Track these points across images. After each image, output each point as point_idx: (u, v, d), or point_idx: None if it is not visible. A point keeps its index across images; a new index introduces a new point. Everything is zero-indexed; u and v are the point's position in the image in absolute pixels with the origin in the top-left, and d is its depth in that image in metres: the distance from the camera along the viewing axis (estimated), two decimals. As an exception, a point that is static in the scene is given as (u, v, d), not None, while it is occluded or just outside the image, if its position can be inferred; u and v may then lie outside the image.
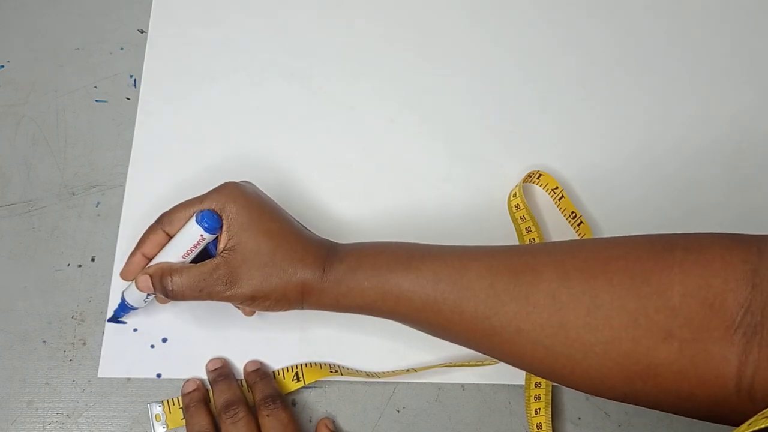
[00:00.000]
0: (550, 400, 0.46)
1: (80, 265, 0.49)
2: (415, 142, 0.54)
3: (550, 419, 0.45)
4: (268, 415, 0.43)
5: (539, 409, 0.46)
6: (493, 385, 0.47)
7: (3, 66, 0.55)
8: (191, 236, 0.40)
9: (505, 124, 0.55)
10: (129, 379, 0.46)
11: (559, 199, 0.51)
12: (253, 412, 0.43)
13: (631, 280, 0.34)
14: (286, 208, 0.52)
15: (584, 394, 0.47)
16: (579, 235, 0.50)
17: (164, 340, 0.47)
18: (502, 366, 0.48)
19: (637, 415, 0.47)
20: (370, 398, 0.47)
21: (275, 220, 0.42)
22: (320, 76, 0.56)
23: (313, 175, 0.53)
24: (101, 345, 0.47)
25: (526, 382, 0.47)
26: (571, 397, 0.47)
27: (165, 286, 0.41)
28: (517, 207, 0.51)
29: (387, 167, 0.53)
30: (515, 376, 0.47)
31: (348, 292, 0.40)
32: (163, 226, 0.42)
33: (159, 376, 0.46)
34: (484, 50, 0.57)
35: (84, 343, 0.47)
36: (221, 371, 0.46)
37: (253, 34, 0.57)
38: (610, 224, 0.52)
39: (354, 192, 0.53)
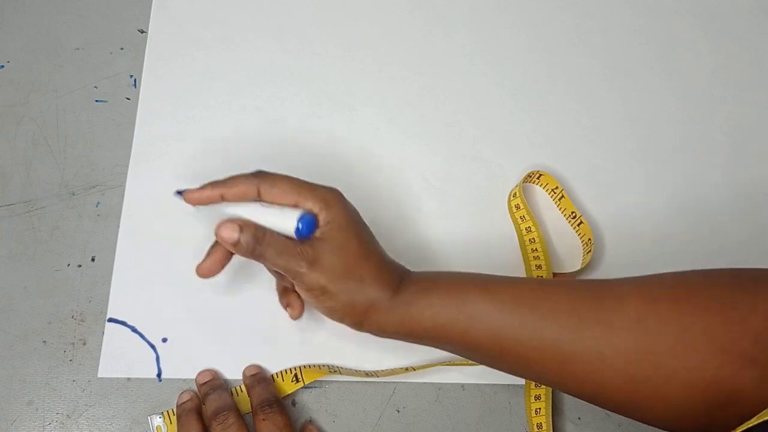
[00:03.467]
0: (550, 400, 0.46)
1: (80, 265, 0.49)
2: (415, 142, 0.54)
3: (551, 419, 0.45)
4: (263, 419, 0.42)
5: (539, 408, 0.46)
6: (493, 385, 0.47)
7: (3, 66, 0.55)
8: (283, 225, 0.39)
9: (506, 124, 0.55)
10: (129, 379, 0.46)
11: (559, 199, 0.51)
12: (248, 419, 0.43)
13: (718, 306, 0.33)
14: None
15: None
16: (579, 235, 0.50)
17: (164, 340, 0.47)
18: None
19: (637, 415, 0.47)
20: (370, 398, 0.47)
21: (367, 234, 0.41)
22: (320, 76, 0.56)
23: (313, 175, 0.53)
24: (101, 345, 0.47)
25: (526, 382, 0.47)
26: (571, 397, 0.47)
27: (257, 235, 0.39)
28: (517, 207, 0.51)
29: (387, 167, 0.53)
30: (516, 377, 0.47)
31: (417, 313, 0.39)
32: (259, 186, 0.39)
33: (159, 376, 0.46)
34: (484, 50, 0.57)
35: (84, 343, 0.47)
36: (211, 383, 0.45)
37: (253, 34, 0.57)
38: (610, 224, 0.52)
39: (354, 192, 0.52)
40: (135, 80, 0.55)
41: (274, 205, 0.40)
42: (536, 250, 0.49)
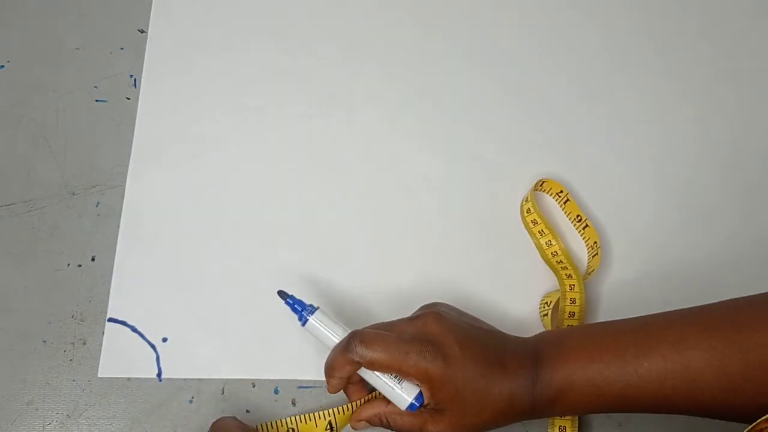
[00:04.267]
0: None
1: (80, 265, 0.49)
2: (415, 142, 0.54)
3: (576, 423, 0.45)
4: None
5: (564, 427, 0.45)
6: (493, 385, 0.47)
7: (3, 66, 0.55)
8: (397, 401, 0.40)
9: (506, 123, 0.55)
10: (129, 379, 0.46)
11: (564, 203, 0.51)
12: None
13: None
14: (286, 207, 0.52)
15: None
16: (584, 239, 0.50)
17: (164, 340, 0.47)
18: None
19: (638, 415, 0.47)
20: (370, 398, 0.47)
21: (475, 364, 0.39)
22: (320, 76, 0.56)
23: (313, 175, 0.53)
24: (101, 345, 0.47)
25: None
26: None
27: (384, 426, 0.41)
28: (528, 211, 0.50)
29: (387, 167, 0.53)
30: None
31: (565, 404, 0.39)
32: (358, 359, 0.39)
33: (159, 376, 0.46)
34: (484, 50, 0.57)
35: (84, 343, 0.47)
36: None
37: (253, 34, 0.57)
38: (615, 227, 0.51)
39: (354, 192, 0.53)
40: (135, 80, 0.55)
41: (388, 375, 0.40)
42: (556, 254, 0.49)
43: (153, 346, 0.47)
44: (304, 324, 0.42)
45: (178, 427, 0.45)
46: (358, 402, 0.42)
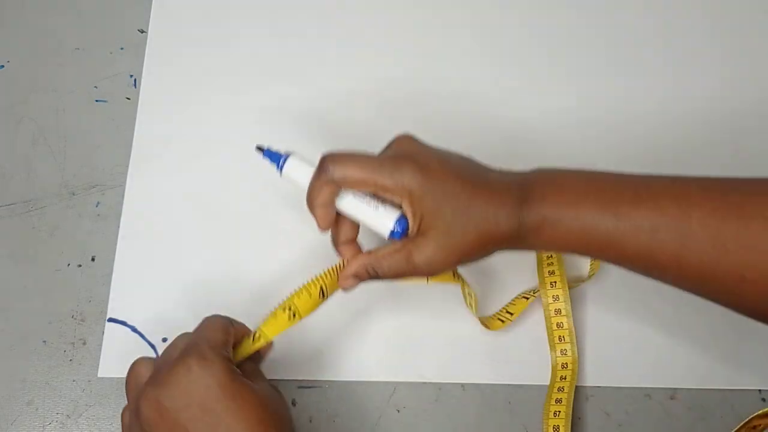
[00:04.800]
0: (571, 405, 0.46)
1: (80, 265, 0.49)
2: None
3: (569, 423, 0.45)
4: None
5: (558, 412, 0.45)
6: (493, 385, 0.47)
7: (3, 66, 0.55)
8: (378, 228, 0.39)
9: (506, 122, 0.55)
10: (129, 379, 0.46)
11: None
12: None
13: None
14: (285, 207, 0.52)
15: (585, 393, 0.47)
16: None
17: (164, 340, 0.47)
18: (502, 365, 0.48)
19: (637, 415, 0.47)
20: (370, 398, 0.47)
21: (455, 178, 0.38)
22: (321, 75, 0.56)
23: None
24: (101, 345, 0.47)
25: (547, 399, 0.46)
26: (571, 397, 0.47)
27: (374, 277, 0.40)
28: None
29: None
30: (515, 376, 0.47)
31: (550, 236, 0.38)
32: (333, 178, 0.38)
33: (159, 376, 0.46)
34: (483, 48, 0.57)
35: (84, 343, 0.47)
36: None
37: (253, 34, 0.57)
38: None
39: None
40: (135, 80, 0.55)
41: (367, 199, 0.39)
42: (551, 256, 0.49)
43: (153, 346, 0.47)
44: (281, 171, 0.42)
45: (178, 427, 0.45)
46: (345, 263, 0.41)
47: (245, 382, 0.36)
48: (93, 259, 0.49)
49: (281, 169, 0.42)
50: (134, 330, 0.47)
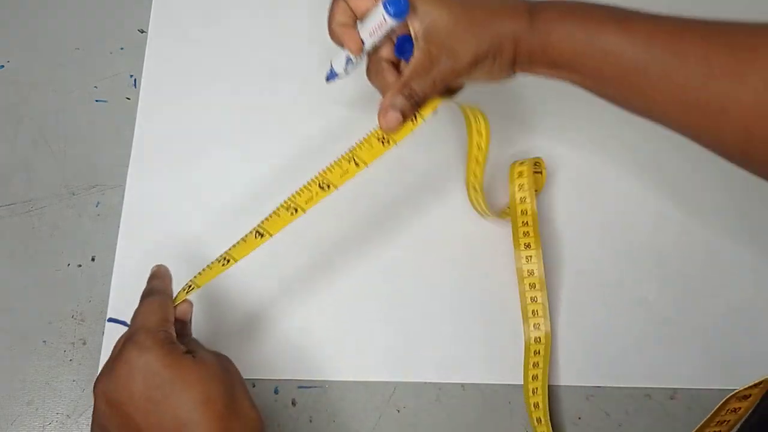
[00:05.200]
0: (546, 393, 0.46)
1: (80, 265, 0.49)
2: (414, 139, 0.54)
3: (548, 413, 0.45)
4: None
5: (536, 389, 0.46)
6: (493, 384, 0.47)
7: (3, 66, 0.55)
8: (378, 20, 0.40)
9: (505, 122, 0.55)
10: (129, 379, 0.46)
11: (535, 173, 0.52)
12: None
13: None
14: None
15: (585, 393, 0.47)
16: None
17: (164, 340, 0.47)
18: (502, 366, 0.48)
19: (638, 415, 0.47)
20: (370, 398, 0.47)
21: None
22: (320, 75, 0.56)
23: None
24: (101, 345, 0.47)
25: (524, 382, 0.47)
26: (571, 397, 0.47)
27: (410, 99, 0.40)
28: (520, 174, 0.50)
29: (388, 166, 0.53)
30: (515, 376, 0.47)
31: (557, 42, 0.38)
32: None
33: (159, 376, 0.46)
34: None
35: (84, 343, 0.47)
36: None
37: (253, 34, 0.57)
38: (607, 222, 0.52)
39: (353, 189, 0.52)
40: (135, 80, 0.55)
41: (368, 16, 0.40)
42: (527, 223, 0.49)
43: (153, 346, 0.47)
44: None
45: (178, 427, 0.45)
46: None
47: (185, 358, 0.36)
48: (93, 259, 0.49)
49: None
50: (134, 330, 0.47)
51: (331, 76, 0.45)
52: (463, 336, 0.48)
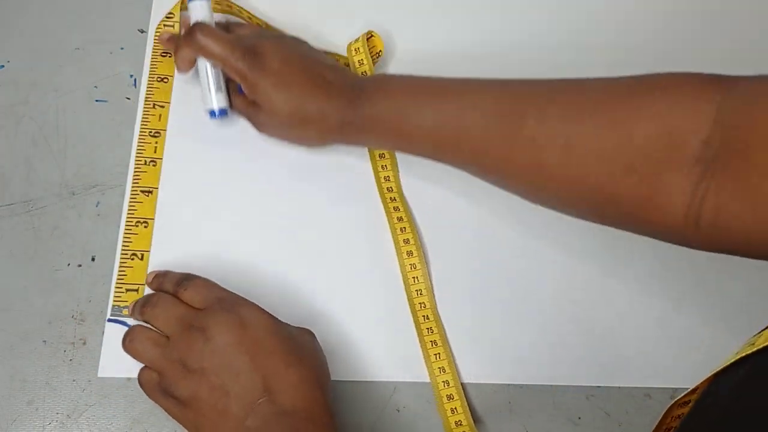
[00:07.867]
0: (463, 396, 0.46)
1: (80, 265, 0.49)
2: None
3: (469, 415, 0.45)
4: (185, 290, 0.44)
5: (438, 354, 0.47)
6: (493, 384, 0.47)
7: (3, 66, 0.55)
8: (207, 97, 0.51)
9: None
10: (129, 379, 0.46)
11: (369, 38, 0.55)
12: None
13: (604, 123, 0.38)
14: (284, 205, 0.52)
15: (584, 393, 0.47)
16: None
17: (164, 340, 0.47)
18: (502, 366, 0.48)
19: (638, 415, 0.47)
20: (370, 398, 0.47)
21: (292, 73, 0.47)
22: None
23: (314, 172, 0.53)
24: (101, 345, 0.47)
25: (434, 386, 0.47)
26: (571, 397, 0.47)
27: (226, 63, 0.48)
28: (360, 62, 0.54)
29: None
30: (515, 376, 0.47)
31: (376, 129, 0.46)
32: (194, 40, 0.48)
33: (159, 376, 0.46)
34: (483, 46, 0.57)
35: (84, 343, 0.47)
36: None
37: (253, 34, 0.57)
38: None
39: (354, 189, 0.53)
40: (135, 80, 0.55)
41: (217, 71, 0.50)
42: (391, 190, 0.52)
43: (153, 346, 0.47)
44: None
45: (178, 428, 0.45)
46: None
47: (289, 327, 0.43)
48: (93, 259, 0.49)
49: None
50: (134, 330, 0.47)
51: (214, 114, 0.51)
52: (463, 336, 0.48)
